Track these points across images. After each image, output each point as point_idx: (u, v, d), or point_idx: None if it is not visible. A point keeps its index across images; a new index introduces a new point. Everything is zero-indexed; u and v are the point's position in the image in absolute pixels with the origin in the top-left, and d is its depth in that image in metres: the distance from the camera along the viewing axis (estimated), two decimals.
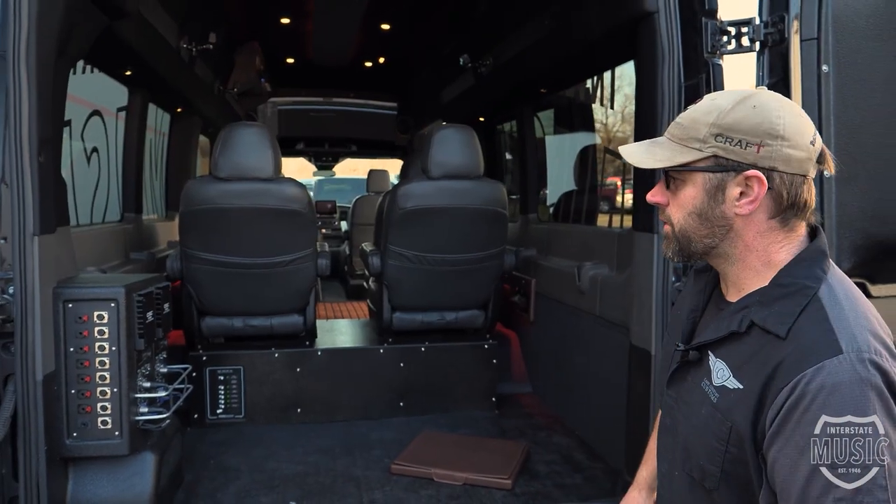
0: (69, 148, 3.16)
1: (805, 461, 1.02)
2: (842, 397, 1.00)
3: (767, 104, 1.13)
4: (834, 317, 1.07)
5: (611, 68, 3.36)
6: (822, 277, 1.12)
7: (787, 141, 1.11)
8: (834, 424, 1.01)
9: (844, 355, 1.02)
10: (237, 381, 3.39)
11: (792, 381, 1.03)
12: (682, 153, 1.17)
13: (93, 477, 2.26)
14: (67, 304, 2.15)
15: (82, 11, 2.20)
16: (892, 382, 1.03)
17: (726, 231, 1.18)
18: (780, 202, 1.14)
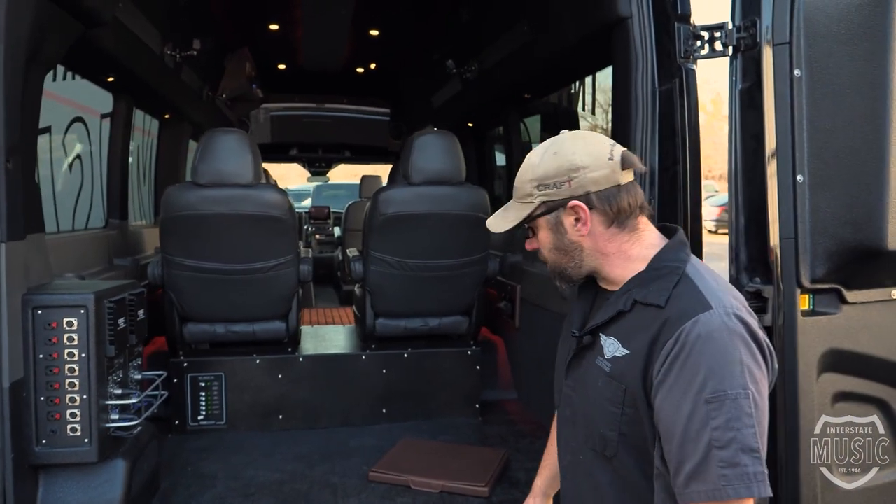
0: (58, 153, 3.18)
1: (687, 400, 1.21)
2: (714, 342, 1.23)
3: (563, 147, 1.40)
4: (701, 286, 1.31)
5: (591, 74, 3.36)
6: (687, 260, 1.37)
7: (587, 168, 1.37)
8: (711, 368, 1.21)
9: (714, 310, 1.25)
10: (218, 388, 3.39)
11: (674, 334, 1.25)
12: (524, 209, 1.44)
13: (63, 484, 2.25)
14: (37, 311, 2.14)
15: (54, 19, 2.20)
16: (752, 330, 1.26)
17: (581, 251, 1.43)
18: (608, 213, 1.38)
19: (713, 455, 1.19)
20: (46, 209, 3.02)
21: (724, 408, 1.20)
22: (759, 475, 1.20)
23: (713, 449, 1.19)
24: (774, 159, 2.07)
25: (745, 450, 1.19)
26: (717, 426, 1.19)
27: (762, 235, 2.11)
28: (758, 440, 1.21)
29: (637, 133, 2.36)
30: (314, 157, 7.55)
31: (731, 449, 1.19)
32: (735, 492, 1.19)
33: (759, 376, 1.24)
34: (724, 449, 1.19)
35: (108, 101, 3.69)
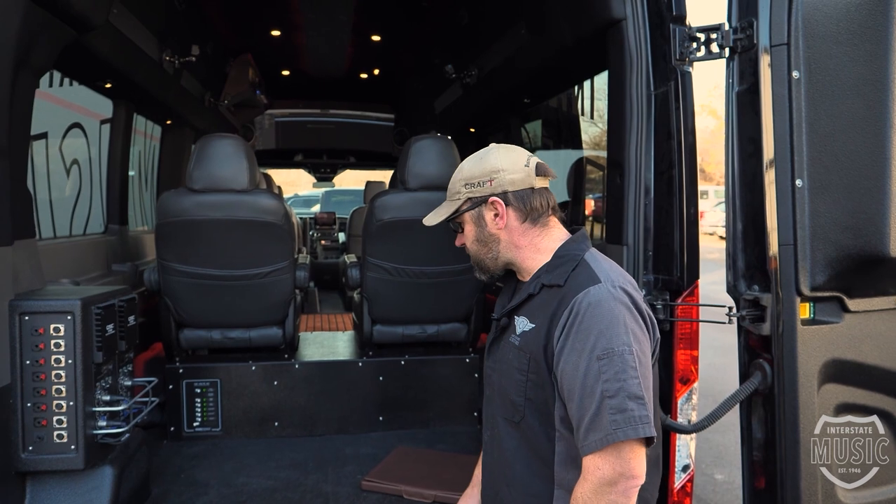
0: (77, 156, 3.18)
1: (582, 360, 1.42)
2: (602, 309, 1.45)
3: (488, 154, 1.68)
4: (595, 267, 1.55)
5: (589, 78, 3.32)
6: (586, 249, 1.62)
7: (505, 171, 1.64)
8: (601, 330, 1.42)
9: (602, 284, 1.49)
10: (214, 394, 3.36)
11: (569, 305, 1.48)
12: (452, 205, 1.72)
13: (50, 491, 2.24)
14: (24, 317, 2.13)
15: (43, 24, 2.19)
16: (634, 300, 1.50)
17: (498, 242, 1.68)
18: (522, 210, 1.64)
19: (605, 404, 1.38)
20: (45, 214, 3.04)
21: (613, 362, 1.40)
22: (643, 418, 1.38)
23: (605, 399, 1.38)
24: (773, 163, 2.03)
25: (631, 397, 1.38)
26: (607, 378, 1.39)
27: (760, 242, 2.07)
28: (642, 389, 1.40)
29: (632, 136, 2.31)
30: (319, 163, 7.55)
31: (620, 397, 1.38)
32: (624, 434, 1.37)
33: (642, 338, 1.47)
34: (613, 398, 1.38)
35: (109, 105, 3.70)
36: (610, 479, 1.38)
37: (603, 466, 1.39)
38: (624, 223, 2.35)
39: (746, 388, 2.08)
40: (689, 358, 2.30)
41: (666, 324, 2.27)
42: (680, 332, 2.29)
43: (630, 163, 2.33)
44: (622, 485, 1.38)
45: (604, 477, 1.38)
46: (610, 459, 1.38)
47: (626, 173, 2.35)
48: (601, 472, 1.39)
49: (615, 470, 1.38)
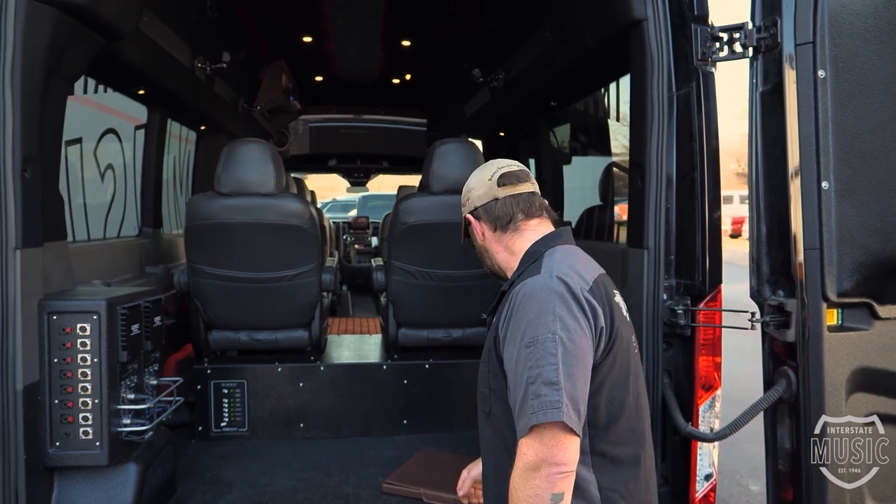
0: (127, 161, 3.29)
1: (515, 348, 1.49)
2: (533, 299, 1.51)
3: (471, 177, 1.87)
4: (545, 262, 1.61)
5: (614, 80, 3.28)
6: (553, 246, 1.68)
7: (474, 189, 1.82)
8: (530, 319, 1.49)
9: (540, 275, 1.55)
10: (241, 395, 3.42)
11: (510, 299, 1.56)
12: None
13: (76, 486, 2.30)
14: (52, 316, 2.19)
15: (73, 33, 2.26)
16: (571, 288, 1.52)
17: (487, 252, 1.83)
18: (490, 222, 1.79)
19: (528, 391, 1.43)
20: (79, 217, 3.13)
21: (536, 350, 1.45)
22: (554, 403, 1.41)
23: (528, 385, 1.44)
24: (798, 165, 1.98)
25: (546, 383, 1.42)
26: (530, 366, 1.45)
27: (785, 246, 2.01)
28: (558, 375, 1.42)
29: (653, 138, 2.28)
30: (352, 168, 7.62)
31: (538, 383, 1.43)
32: (536, 418, 1.41)
33: (574, 326, 1.48)
34: (533, 383, 1.43)
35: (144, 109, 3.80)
36: (533, 463, 1.41)
37: (527, 451, 1.43)
38: (645, 226, 2.32)
39: (770, 396, 2.02)
40: (711, 364, 2.25)
41: (687, 329, 2.23)
42: (702, 337, 2.24)
43: (651, 165, 2.29)
44: (545, 470, 1.40)
45: (528, 462, 1.42)
46: (533, 444, 1.42)
47: (647, 175, 2.31)
48: (525, 457, 1.43)
49: (537, 455, 1.41)
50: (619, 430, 1.56)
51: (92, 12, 2.28)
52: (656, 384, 2.26)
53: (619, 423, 1.56)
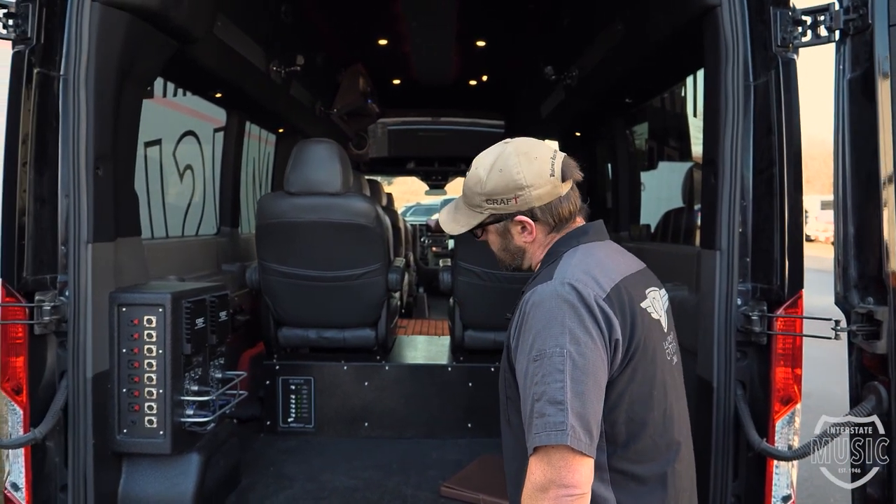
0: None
1: (523, 361, 1.37)
2: (543, 307, 1.38)
3: (508, 164, 1.51)
4: (562, 264, 1.47)
5: (690, 74, 3.10)
6: (575, 245, 1.53)
7: (531, 187, 1.51)
8: (538, 331, 1.36)
9: (552, 282, 1.41)
10: (308, 392, 3.47)
11: (520, 306, 1.44)
12: (473, 217, 1.58)
13: (143, 472, 2.38)
14: (122, 308, 2.29)
15: (146, 37, 2.35)
16: (583, 297, 1.37)
17: (524, 253, 1.61)
18: (550, 223, 1.55)
19: (534, 408, 1.32)
20: (157, 215, 3.27)
21: (542, 365, 1.33)
22: (559, 425, 1.29)
23: (534, 402, 1.32)
24: (890, 159, 1.78)
25: (551, 402, 1.30)
26: (536, 381, 1.33)
27: (876, 248, 1.82)
28: (564, 394, 1.30)
29: (727, 132, 2.12)
30: (431, 171, 7.64)
31: (542, 401, 1.31)
32: (540, 440, 1.30)
33: (584, 339, 1.34)
34: (538, 401, 1.32)
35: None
36: (541, 484, 1.31)
37: (535, 471, 1.32)
38: (717, 226, 2.16)
39: (858, 412, 1.84)
40: (790, 376, 2.06)
41: (763, 337, 2.06)
42: (780, 347, 2.06)
43: (725, 161, 2.14)
44: (553, 492, 1.30)
45: (536, 482, 1.32)
46: (541, 465, 1.31)
47: (720, 172, 2.16)
48: (534, 477, 1.33)
49: (545, 476, 1.31)
50: (641, 448, 1.43)
51: (164, 16, 2.36)
52: (728, 395, 2.11)
53: (641, 440, 1.42)
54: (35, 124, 2.05)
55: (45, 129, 2.08)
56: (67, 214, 2.11)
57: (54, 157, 2.10)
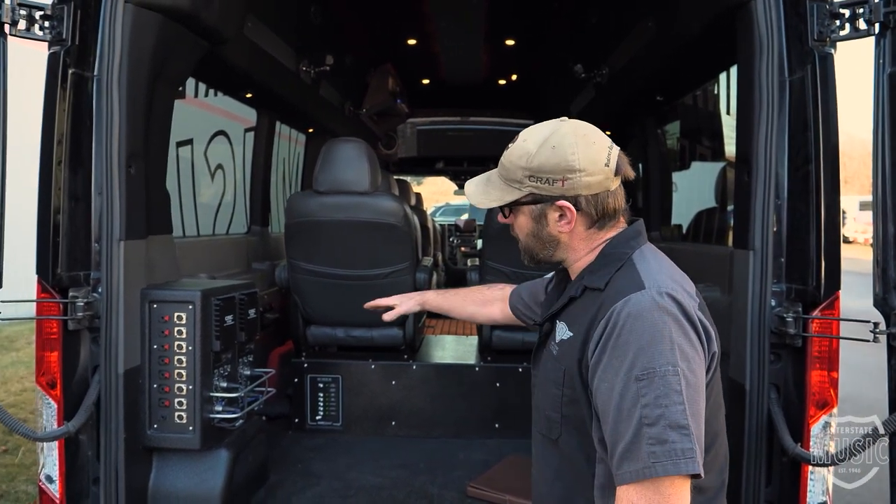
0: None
1: (619, 379, 1.21)
2: (644, 321, 1.23)
3: (564, 143, 1.36)
4: (641, 269, 1.33)
5: (723, 70, 3.04)
6: (636, 247, 1.40)
7: (583, 172, 1.36)
8: (640, 346, 1.21)
9: (646, 290, 1.27)
10: (336, 390, 3.49)
11: (607, 314, 1.27)
12: (509, 192, 1.43)
13: (173, 467, 2.41)
14: (153, 305, 2.32)
15: (177, 38, 2.38)
16: (684, 309, 1.26)
17: (557, 244, 1.45)
18: (592, 217, 1.40)
19: (643, 433, 1.17)
20: (189, 214, 3.32)
21: (654, 385, 1.18)
22: (687, 452, 1.16)
23: (643, 426, 1.18)
24: None
25: (673, 426, 1.17)
26: (646, 403, 1.18)
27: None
28: (687, 417, 1.17)
29: (760, 129, 2.07)
30: (460, 170, 7.63)
31: (660, 425, 1.17)
32: (663, 469, 1.16)
33: (692, 354, 1.23)
34: (653, 426, 1.17)
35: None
36: None
37: (638, 501, 1.18)
38: (751, 225, 2.11)
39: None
40: (826, 380, 2.01)
41: (798, 339, 2.00)
42: (816, 349, 2.01)
43: (759, 158, 2.09)
44: None
45: None
46: (647, 494, 1.18)
47: (754, 170, 2.11)
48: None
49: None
50: (710, 459, 1.34)
51: (195, 17, 2.39)
52: (761, 399, 2.06)
53: (711, 451, 1.35)
54: (70, 124, 2.09)
55: (80, 129, 2.12)
56: (100, 212, 2.15)
57: (88, 156, 2.14)
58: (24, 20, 2.01)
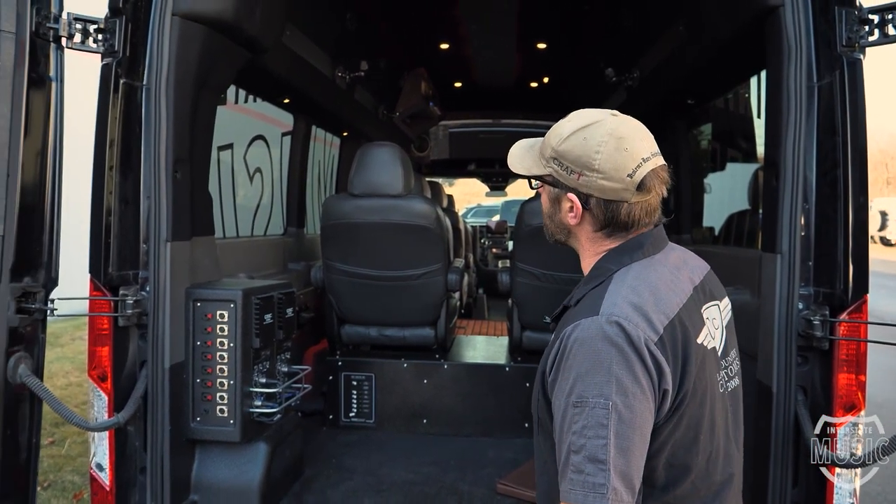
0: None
1: (562, 401, 1.23)
2: (586, 347, 1.22)
3: (595, 138, 1.32)
4: (610, 290, 1.30)
5: (753, 75, 3.04)
6: (626, 263, 1.35)
7: (601, 174, 1.32)
8: (579, 373, 1.21)
9: (598, 317, 1.24)
10: (369, 388, 3.58)
11: (561, 336, 1.27)
12: (536, 166, 1.44)
13: (214, 459, 2.53)
14: (196, 303, 2.43)
15: (221, 48, 2.50)
16: (631, 340, 1.21)
17: (568, 232, 1.45)
18: (600, 221, 1.37)
19: (570, 459, 1.20)
20: (229, 216, 3.44)
21: (584, 414, 1.19)
22: (598, 487, 1.16)
23: (571, 453, 1.20)
24: None
25: (591, 459, 1.17)
26: (574, 430, 1.19)
27: None
28: (607, 452, 1.17)
29: (789, 133, 2.09)
30: (491, 173, 7.69)
31: (580, 455, 1.18)
32: (575, 497, 1.18)
33: (632, 389, 1.19)
34: (577, 454, 1.19)
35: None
36: None
37: None
38: (779, 229, 2.13)
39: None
40: (853, 383, 2.02)
41: (825, 342, 2.02)
42: (843, 353, 2.02)
43: (787, 163, 2.11)
44: None
45: None
46: None
47: (782, 174, 2.13)
48: None
49: None
50: (680, 493, 1.31)
51: (238, 28, 2.50)
52: (788, 401, 2.08)
53: (681, 486, 1.31)
54: (120, 131, 2.21)
55: (129, 136, 2.24)
56: (148, 215, 2.26)
57: (137, 162, 2.26)
58: (79, 34, 2.13)
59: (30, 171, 2.04)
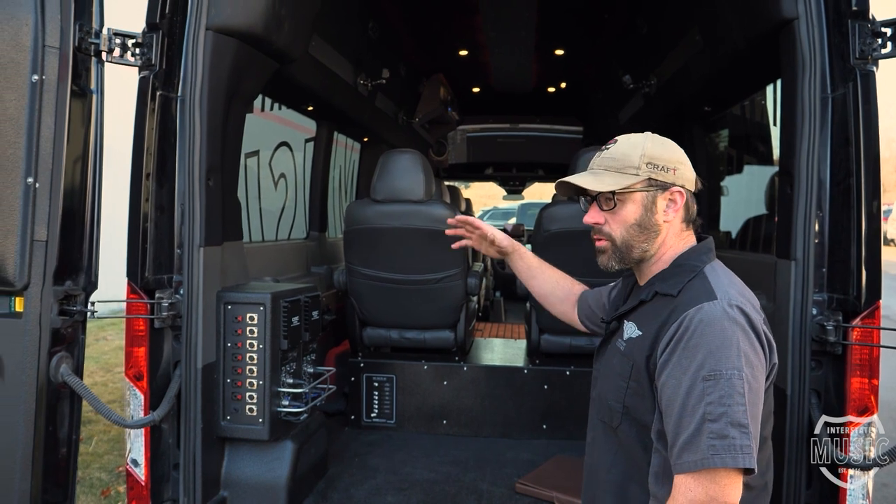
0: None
1: (687, 377, 1.36)
2: (713, 328, 1.36)
3: (666, 141, 1.60)
4: (712, 281, 1.47)
5: (769, 84, 3.09)
6: (707, 261, 1.55)
7: (686, 167, 1.59)
8: (710, 350, 1.35)
9: (718, 301, 1.40)
10: (390, 389, 3.66)
11: (679, 318, 1.41)
12: (625, 179, 1.56)
13: (243, 457, 2.62)
14: (227, 306, 2.53)
15: (251, 60, 2.59)
16: (751, 321, 1.39)
17: (657, 235, 1.58)
18: (688, 212, 1.60)
19: (705, 427, 1.32)
20: (255, 221, 3.54)
21: (719, 385, 1.32)
22: (745, 448, 1.30)
23: (706, 422, 1.32)
24: None
25: (734, 424, 1.31)
26: (711, 401, 1.32)
27: None
28: (747, 417, 1.31)
29: (803, 143, 2.15)
30: (508, 176, 7.76)
31: (722, 422, 1.31)
32: (721, 461, 1.30)
33: (756, 362, 1.37)
34: (715, 422, 1.31)
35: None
36: (701, 502, 1.33)
37: (695, 489, 1.33)
38: (793, 236, 2.19)
39: None
40: (866, 387, 2.07)
41: (838, 347, 2.07)
42: (856, 357, 2.07)
43: (801, 172, 2.16)
44: None
45: (695, 499, 1.33)
46: (703, 483, 1.32)
47: (796, 183, 2.18)
48: (693, 494, 1.33)
49: (707, 494, 1.32)
50: (758, 460, 1.43)
51: (267, 41, 2.59)
52: (802, 404, 2.13)
53: (760, 454, 1.45)
54: (157, 141, 2.31)
55: (165, 145, 2.34)
56: (182, 221, 2.36)
57: (172, 170, 2.35)
58: (118, 48, 2.23)
59: (71, 179, 2.14)
